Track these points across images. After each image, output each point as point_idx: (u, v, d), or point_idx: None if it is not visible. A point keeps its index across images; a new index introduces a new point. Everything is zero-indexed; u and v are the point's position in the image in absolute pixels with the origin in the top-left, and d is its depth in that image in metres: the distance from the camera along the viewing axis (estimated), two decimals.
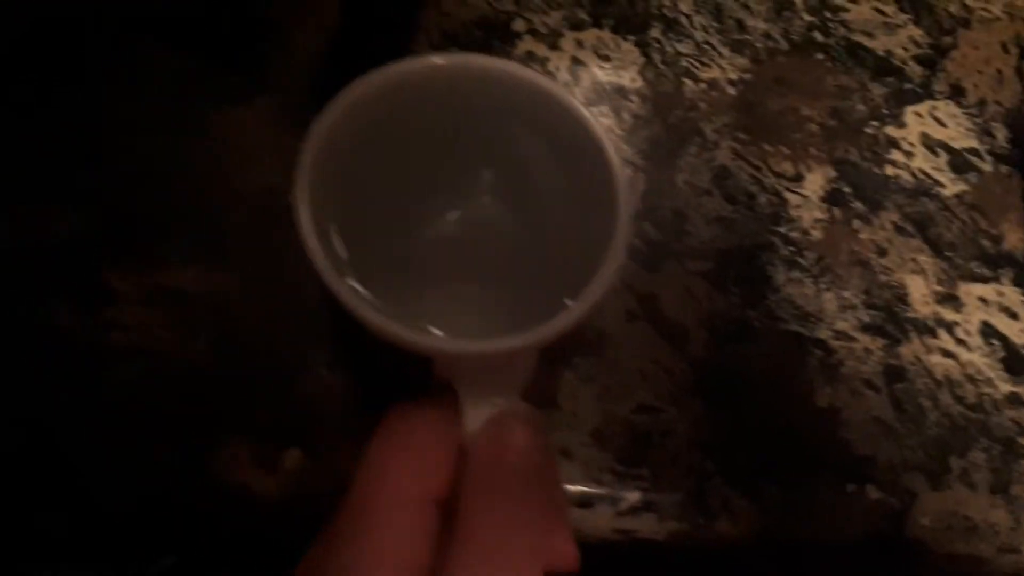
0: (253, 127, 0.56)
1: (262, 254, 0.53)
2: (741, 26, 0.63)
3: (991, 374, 0.55)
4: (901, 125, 0.61)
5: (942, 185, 0.60)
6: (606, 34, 0.62)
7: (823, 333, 0.55)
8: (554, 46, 0.61)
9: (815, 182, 0.59)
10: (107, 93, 0.56)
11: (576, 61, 0.60)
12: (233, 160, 0.55)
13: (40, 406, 0.48)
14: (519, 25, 0.61)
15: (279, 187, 0.55)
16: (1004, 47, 0.65)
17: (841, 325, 0.55)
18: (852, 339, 0.55)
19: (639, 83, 0.60)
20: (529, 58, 0.60)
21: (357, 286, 0.33)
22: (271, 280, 0.52)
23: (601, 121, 0.55)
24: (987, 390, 0.54)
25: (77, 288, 0.51)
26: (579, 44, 0.61)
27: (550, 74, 0.60)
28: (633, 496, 0.50)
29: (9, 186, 0.53)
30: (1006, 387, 0.54)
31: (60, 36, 0.56)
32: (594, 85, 0.60)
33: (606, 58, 0.61)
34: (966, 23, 0.65)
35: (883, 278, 0.56)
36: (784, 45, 0.63)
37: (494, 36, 0.61)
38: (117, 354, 0.49)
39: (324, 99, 0.55)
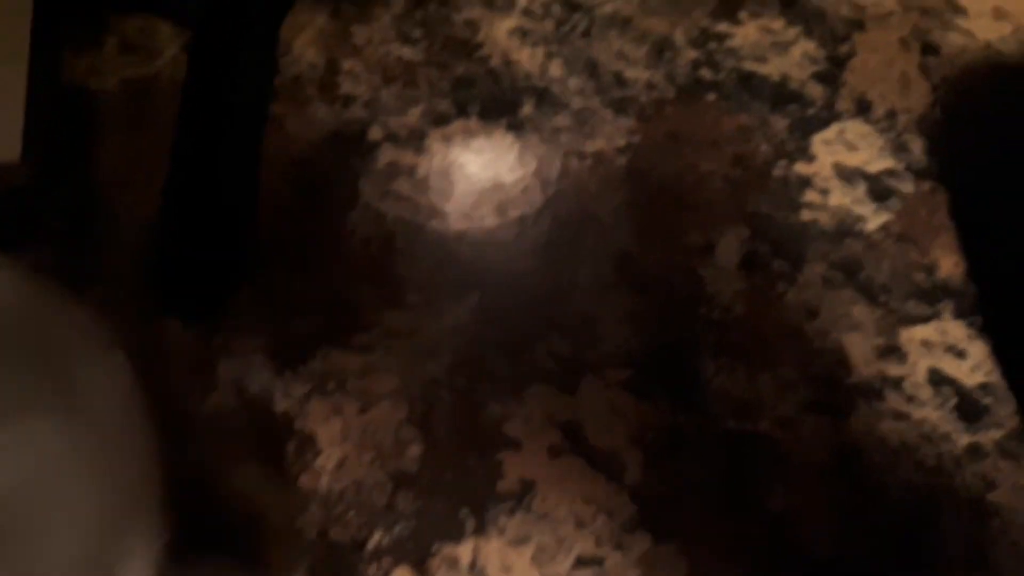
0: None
1: None
2: (620, 80, 0.57)
3: (947, 427, 0.51)
4: (811, 159, 0.56)
5: (864, 219, 0.55)
6: (474, 123, 0.56)
7: (764, 424, 0.50)
8: (419, 149, 0.55)
9: (729, 247, 0.53)
10: None
11: (448, 164, 0.54)
12: None
13: None
14: (375, 133, 0.55)
15: None
16: (904, 43, 0.59)
17: (782, 410, 0.50)
18: (796, 424, 0.50)
19: (519, 173, 0.54)
20: (394, 169, 0.54)
21: None
22: None
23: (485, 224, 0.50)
24: (946, 447, 0.50)
25: None
26: (446, 141, 0.55)
27: (420, 182, 0.54)
28: None
29: None
30: (964, 439, 0.50)
31: None
32: (471, 187, 0.54)
33: (480, 152, 0.55)
34: (860, 25, 0.60)
35: (819, 344, 0.52)
36: (670, 92, 0.57)
37: (350, 152, 0.54)
38: None
39: (162, 277, 0.48)
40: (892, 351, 0.52)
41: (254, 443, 0.48)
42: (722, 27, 0.59)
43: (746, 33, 0.59)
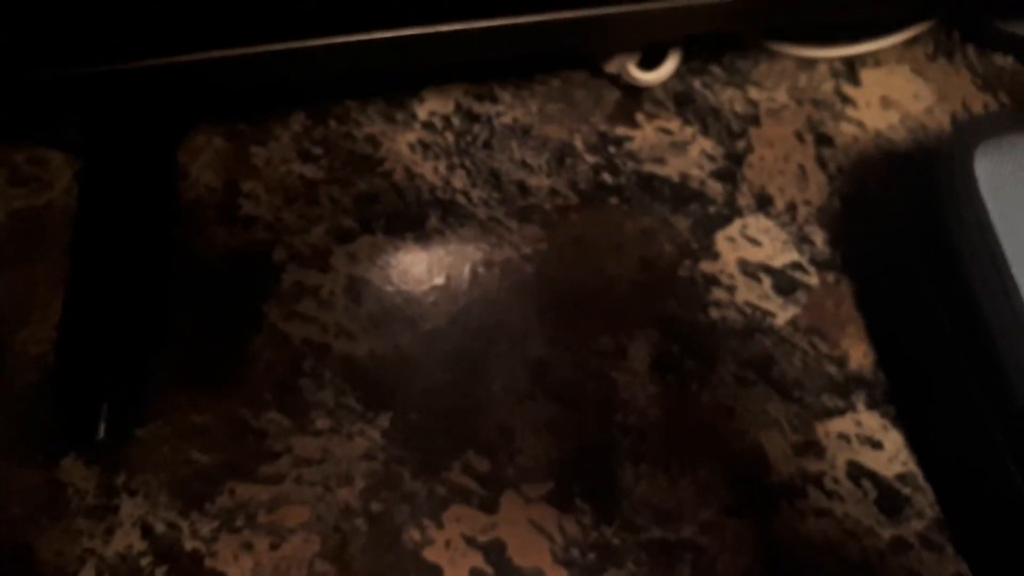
0: None
1: None
2: (523, 189, 0.57)
3: (870, 522, 0.50)
4: (715, 257, 0.56)
5: (772, 314, 0.55)
6: (380, 238, 0.55)
7: (688, 531, 0.49)
8: (325, 268, 0.54)
9: (640, 351, 0.53)
10: None
11: (354, 281, 0.53)
12: None
13: None
14: (279, 254, 0.54)
15: (30, 544, 0.46)
16: (799, 136, 0.61)
17: (705, 515, 0.50)
18: (720, 528, 0.49)
19: (427, 285, 0.54)
20: (299, 290, 0.53)
21: None
22: None
23: (395, 340, 0.49)
24: (870, 542, 0.50)
25: None
26: (352, 259, 0.54)
27: (326, 302, 0.53)
28: None
29: None
30: (887, 532, 0.50)
31: None
32: (378, 303, 0.53)
33: (386, 267, 0.54)
34: (755, 120, 0.61)
35: (736, 444, 0.51)
36: (573, 198, 0.57)
37: (254, 274, 0.53)
38: None
39: (59, 412, 0.46)
40: (810, 447, 0.52)
41: None
42: (620, 130, 0.60)
43: (644, 135, 0.60)
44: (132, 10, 0.41)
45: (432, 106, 0.59)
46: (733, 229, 0.58)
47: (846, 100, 0.63)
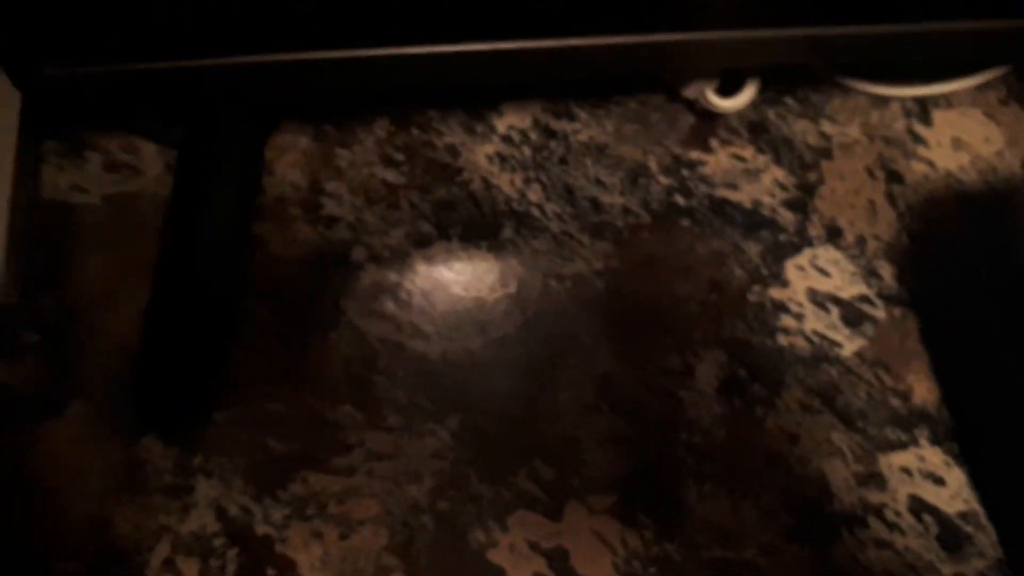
0: (68, 444, 0.48)
1: None
2: (596, 205, 0.58)
3: (930, 556, 0.51)
4: (784, 284, 0.57)
5: (839, 345, 0.55)
6: (455, 245, 0.56)
7: (749, 552, 0.49)
8: (402, 270, 0.55)
9: (708, 372, 0.54)
10: None
11: (429, 284, 0.54)
12: (53, 491, 0.47)
13: None
14: (359, 253, 0.55)
15: (109, 517, 0.47)
16: (870, 172, 0.61)
17: (766, 538, 0.50)
18: (780, 552, 0.49)
19: (499, 294, 0.55)
20: (376, 289, 0.54)
21: None
22: None
23: (466, 345, 0.50)
24: None
25: None
26: (428, 262, 0.55)
27: (403, 302, 0.54)
28: None
29: None
30: (948, 569, 0.50)
31: None
32: (452, 307, 0.54)
33: (461, 273, 0.55)
34: (827, 153, 0.62)
35: (799, 470, 0.52)
36: (646, 218, 0.58)
37: (333, 272, 0.54)
38: None
39: (142, 393, 0.47)
40: (872, 478, 0.53)
41: (235, 566, 0.46)
42: (694, 154, 0.61)
43: (717, 160, 0.61)
44: (229, 7, 0.43)
45: (511, 120, 0.61)
46: (803, 258, 0.59)
47: (917, 139, 0.63)
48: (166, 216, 0.52)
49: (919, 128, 0.63)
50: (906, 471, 0.53)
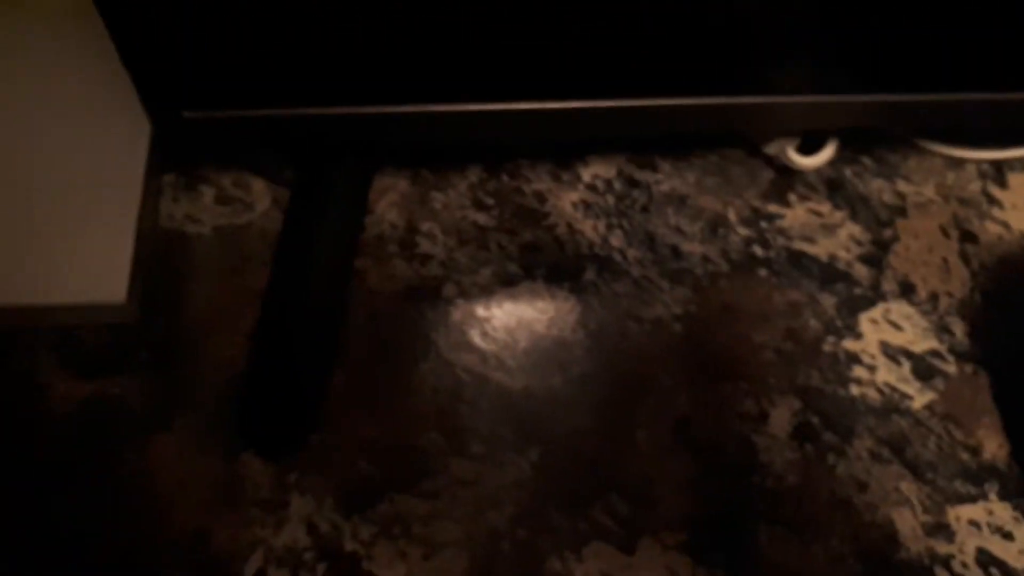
0: (173, 457, 0.52)
1: None
2: (677, 253, 0.61)
3: None
4: (858, 336, 0.59)
5: (910, 397, 0.57)
6: (539, 285, 0.59)
7: None
8: (488, 307, 0.58)
9: (781, 418, 0.55)
10: (3, 443, 0.51)
11: (514, 321, 0.57)
12: (157, 502, 0.51)
13: None
14: (450, 289, 0.58)
15: (209, 528, 0.50)
16: (944, 231, 0.63)
17: None
18: None
19: (581, 334, 0.57)
20: (465, 324, 0.57)
21: None
22: None
23: (548, 381, 0.52)
24: None
25: None
26: (514, 300, 0.58)
27: (489, 337, 0.57)
28: None
29: None
30: None
31: None
32: (535, 344, 0.57)
33: (544, 312, 0.58)
34: (902, 211, 0.64)
35: (868, 517, 0.53)
36: (724, 266, 0.60)
37: (425, 306, 0.58)
38: None
39: (245, 413, 0.50)
40: (940, 528, 0.54)
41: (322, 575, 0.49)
42: (772, 208, 0.63)
43: (795, 215, 0.63)
44: (357, 61, 0.47)
45: (596, 170, 0.64)
46: (877, 312, 0.60)
47: (992, 201, 0.65)
48: (276, 248, 0.56)
49: (994, 190, 0.65)
50: (975, 524, 0.53)
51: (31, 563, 0.49)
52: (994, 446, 0.56)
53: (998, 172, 0.66)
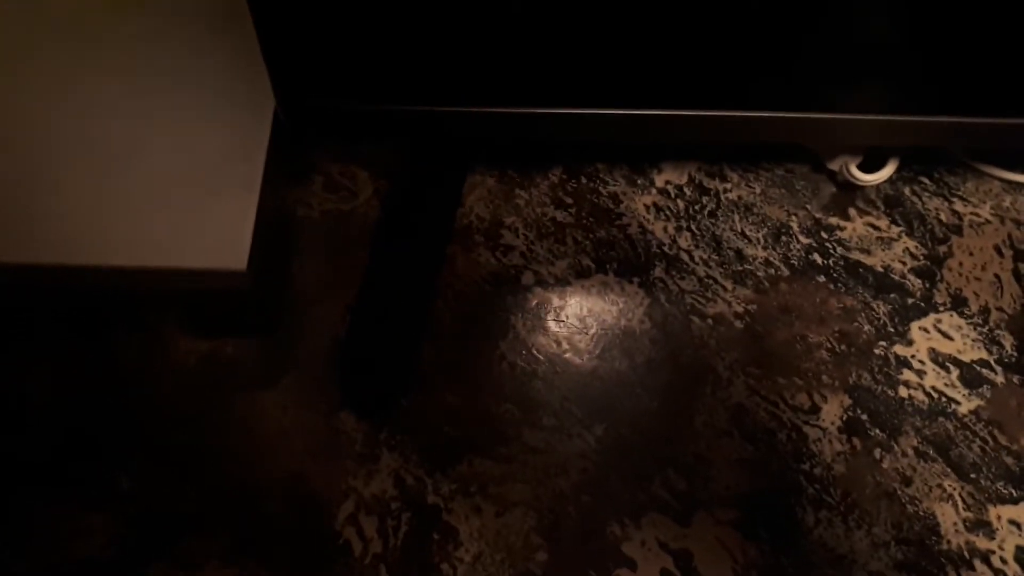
0: (279, 409, 0.58)
1: (297, 548, 0.54)
2: (741, 256, 0.65)
3: None
4: (909, 342, 0.63)
5: (956, 402, 0.60)
6: (611, 278, 0.64)
7: None
8: (564, 295, 0.63)
9: (832, 412, 0.60)
10: (134, 389, 0.58)
11: (587, 310, 0.63)
12: (262, 446, 0.57)
13: None
14: (528, 278, 0.64)
15: (307, 473, 0.56)
16: (998, 250, 0.67)
17: (875, 566, 0.55)
18: None
19: (647, 324, 0.62)
20: (542, 309, 0.62)
21: None
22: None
23: (614, 365, 0.57)
24: None
25: None
26: (587, 291, 0.63)
27: (562, 322, 0.62)
28: None
29: (45, 495, 0.54)
30: None
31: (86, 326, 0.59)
32: (604, 331, 0.62)
33: (614, 303, 0.63)
34: (958, 230, 0.67)
35: (911, 509, 0.57)
36: (785, 271, 0.65)
37: (506, 291, 0.63)
38: None
39: (345, 375, 0.57)
40: (981, 525, 0.57)
41: (407, 528, 0.55)
42: (833, 220, 0.68)
43: (854, 227, 0.67)
44: (477, 63, 0.53)
45: (668, 176, 0.69)
46: (928, 321, 0.64)
47: None
48: (379, 230, 0.63)
49: None
50: (1016, 524, 0.57)
51: (154, 488, 0.55)
52: None
53: None
